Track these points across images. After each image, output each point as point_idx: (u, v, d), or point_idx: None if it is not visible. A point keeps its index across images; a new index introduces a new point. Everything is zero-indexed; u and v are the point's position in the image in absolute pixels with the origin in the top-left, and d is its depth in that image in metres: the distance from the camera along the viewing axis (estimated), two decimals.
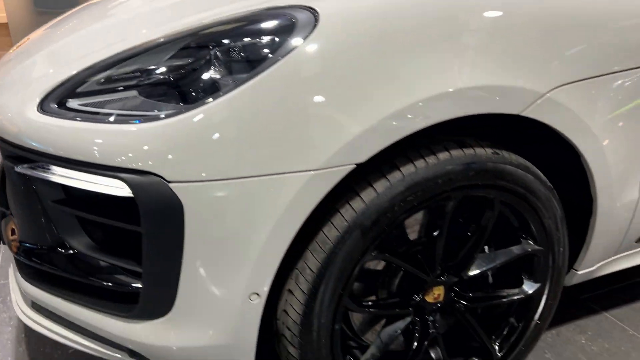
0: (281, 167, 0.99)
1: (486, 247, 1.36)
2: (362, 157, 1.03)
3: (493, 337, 1.44)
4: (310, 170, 0.99)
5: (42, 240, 1.19)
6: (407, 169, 1.11)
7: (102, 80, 1.10)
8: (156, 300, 1.07)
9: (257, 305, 1.08)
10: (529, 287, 1.37)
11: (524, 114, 1.13)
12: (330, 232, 1.10)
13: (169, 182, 0.97)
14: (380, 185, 1.10)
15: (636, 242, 1.57)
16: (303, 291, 1.11)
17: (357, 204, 1.09)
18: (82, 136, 1.02)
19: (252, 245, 1.02)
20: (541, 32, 1.13)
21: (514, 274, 1.40)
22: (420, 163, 1.12)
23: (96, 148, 1.00)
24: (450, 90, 1.04)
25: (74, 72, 1.13)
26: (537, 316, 1.41)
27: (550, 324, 1.78)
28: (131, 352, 1.19)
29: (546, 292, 1.39)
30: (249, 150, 0.97)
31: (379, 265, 1.31)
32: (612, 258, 1.57)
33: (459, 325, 1.43)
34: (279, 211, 1.00)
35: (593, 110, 1.23)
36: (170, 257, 1.02)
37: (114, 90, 1.09)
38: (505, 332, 1.44)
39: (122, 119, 1.01)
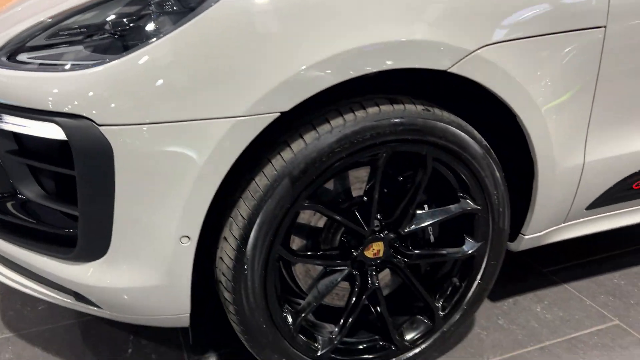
0: (206, 112, 1.04)
1: (426, 206, 1.40)
2: (286, 106, 1.07)
3: (437, 296, 1.47)
4: (233, 117, 1.04)
5: None
6: (336, 122, 1.15)
7: (51, 35, 1.17)
8: (92, 242, 1.13)
9: (189, 247, 1.13)
10: (469, 247, 1.41)
11: (451, 70, 1.17)
12: (261, 181, 1.15)
13: (99, 125, 1.03)
14: (310, 137, 1.14)
15: (586, 209, 1.59)
16: (235, 237, 1.16)
17: (287, 154, 1.14)
18: (24, 84, 1.08)
19: (180, 189, 1.07)
20: None
21: (458, 234, 1.43)
22: (349, 117, 1.16)
23: (34, 94, 1.06)
24: (373, 43, 1.08)
25: (26, 27, 1.20)
26: (479, 276, 1.44)
27: (508, 294, 1.83)
28: (77, 296, 1.25)
29: (487, 252, 1.42)
30: (174, 96, 1.03)
31: (320, 221, 1.35)
32: (563, 225, 1.60)
33: (405, 286, 1.47)
34: (204, 156, 1.06)
35: (528, 70, 1.26)
36: (102, 200, 1.08)
37: (61, 44, 1.16)
38: (448, 292, 1.47)
39: (58, 68, 1.07)
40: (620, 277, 1.94)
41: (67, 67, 1.07)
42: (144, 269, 1.15)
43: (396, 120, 1.18)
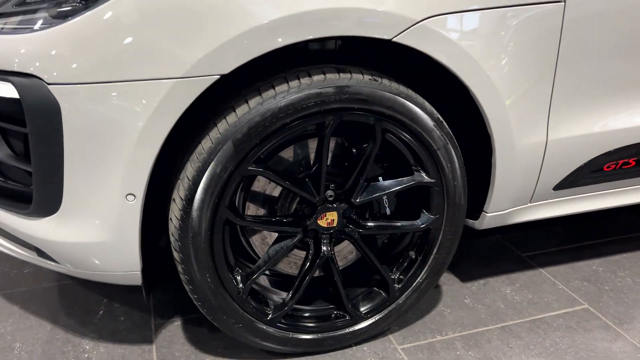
0: (147, 73, 1.08)
1: (380, 178, 1.41)
2: (226, 69, 1.11)
3: (394, 269, 1.49)
4: (173, 78, 1.09)
5: None
6: (281, 88, 1.18)
7: (18, 2, 1.23)
8: (46, 197, 1.19)
9: (135, 205, 1.18)
10: (423, 220, 1.42)
11: (396, 40, 1.18)
12: (206, 144, 1.19)
13: (48, 84, 1.09)
14: (254, 102, 1.18)
15: (554, 190, 1.58)
16: (182, 198, 1.21)
17: (232, 118, 1.18)
18: None
19: (124, 147, 1.12)
20: None
21: (416, 208, 1.45)
22: (294, 83, 1.19)
23: None
24: (313, 9, 1.10)
25: None
26: (435, 250, 1.45)
27: (480, 275, 1.82)
28: (39, 252, 1.32)
29: (443, 226, 1.43)
30: (117, 56, 1.07)
31: (276, 190, 1.39)
32: (529, 205, 1.59)
33: (364, 259, 1.49)
34: (145, 116, 1.10)
35: (481, 43, 1.26)
36: (52, 156, 1.14)
37: (27, 12, 1.22)
38: (405, 265, 1.49)
39: (17, 30, 1.13)
40: (599, 264, 1.91)
41: (22, 29, 1.12)
42: (94, 224, 1.20)
43: (340, 88, 1.20)
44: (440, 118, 1.33)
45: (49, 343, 1.52)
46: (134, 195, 1.17)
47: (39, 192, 1.19)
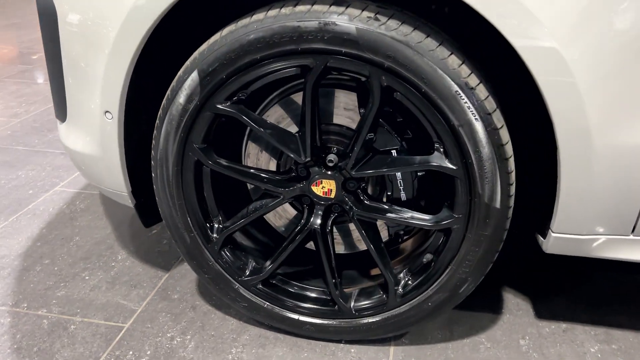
0: None
1: (394, 152, 1.12)
2: None
3: (405, 271, 1.20)
4: None
5: None
6: (257, 17, 1.01)
7: None
8: (59, 104, 1.26)
9: (113, 123, 1.16)
10: (440, 217, 1.08)
11: None
12: (178, 73, 1.09)
13: None
14: (227, 31, 1.03)
15: None
16: (155, 129, 1.14)
17: (203, 47, 1.06)
18: None
19: (100, 62, 1.10)
20: None
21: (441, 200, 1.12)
22: (273, 12, 1.00)
23: None
24: None
25: None
26: (453, 260, 1.10)
27: (567, 318, 1.38)
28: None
29: (466, 231, 1.07)
30: None
31: None
32: (630, 237, 1.09)
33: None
34: (114, 31, 1.06)
35: None
36: (56, 62, 1.19)
37: None
38: (417, 269, 1.18)
39: None
40: None
41: None
42: (85, 137, 1.23)
43: (322, 23, 0.96)
44: (471, 84, 0.96)
45: (97, 244, 1.67)
46: (111, 114, 1.15)
47: (54, 96, 1.27)
